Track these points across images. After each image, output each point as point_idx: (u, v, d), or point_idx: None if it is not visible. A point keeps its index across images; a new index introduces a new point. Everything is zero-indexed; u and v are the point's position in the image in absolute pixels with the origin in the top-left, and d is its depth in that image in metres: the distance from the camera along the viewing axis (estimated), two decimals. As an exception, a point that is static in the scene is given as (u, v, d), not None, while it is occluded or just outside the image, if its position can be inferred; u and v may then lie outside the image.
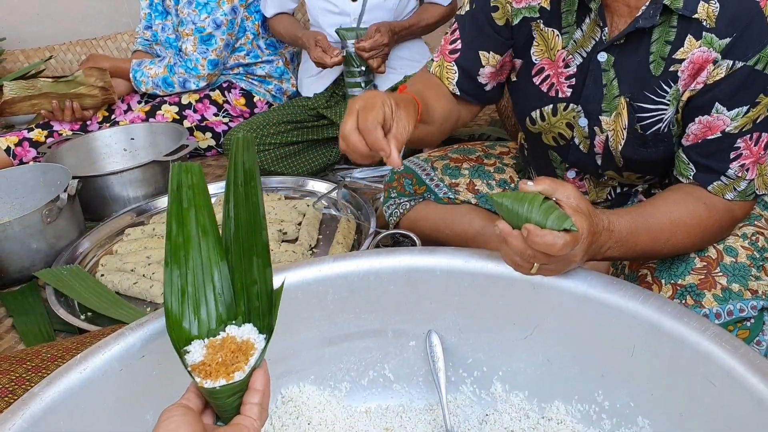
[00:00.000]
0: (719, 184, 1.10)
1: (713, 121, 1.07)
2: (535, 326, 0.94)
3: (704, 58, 1.06)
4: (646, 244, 1.03)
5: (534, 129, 1.30)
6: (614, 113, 1.17)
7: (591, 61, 1.17)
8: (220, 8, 2.40)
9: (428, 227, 1.55)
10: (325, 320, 0.98)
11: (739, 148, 1.08)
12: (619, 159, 1.21)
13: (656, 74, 1.11)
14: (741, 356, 0.72)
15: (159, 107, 2.49)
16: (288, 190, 2.05)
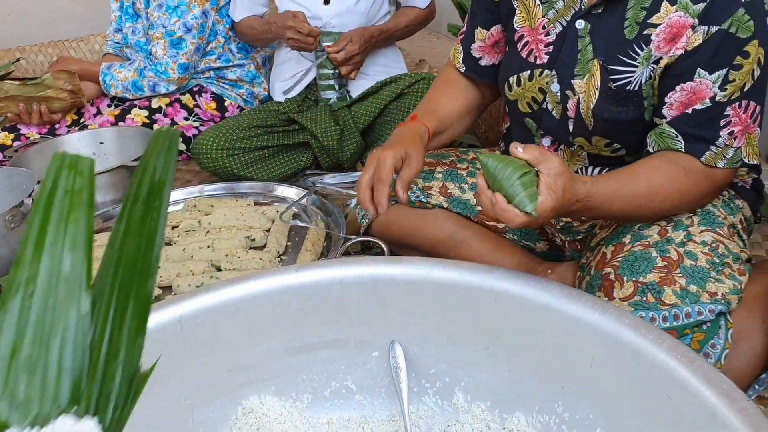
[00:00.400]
0: (711, 154, 1.15)
1: (696, 87, 1.13)
2: (497, 336, 0.94)
3: (681, 23, 1.13)
4: (621, 209, 1.13)
5: (511, 96, 1.37)
6: (587, 76, 1.23)
7: (569, 28, 1.24)
8: (191, 12, 2.38)
9: (400, 231, 1.56)
10: (287, 330, 0.97)
11: (728, 116, 1.13)
12: (589, 120, 1.25)
13: (630, 38, 1.18)
14: (696, 369, 0.72)
15: (129, 111, 2.46)
16: (257, 195, 2.04)
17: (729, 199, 1.30)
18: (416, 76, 2.23)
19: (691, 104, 1.14)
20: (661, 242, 1.17)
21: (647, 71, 1.17)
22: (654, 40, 1.16)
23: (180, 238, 1.80)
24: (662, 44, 1.15)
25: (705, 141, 1.14)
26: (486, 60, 1.47)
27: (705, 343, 1.10)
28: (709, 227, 1.20)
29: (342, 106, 2.23)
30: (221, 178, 2.17)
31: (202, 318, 0.93)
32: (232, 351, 0.96)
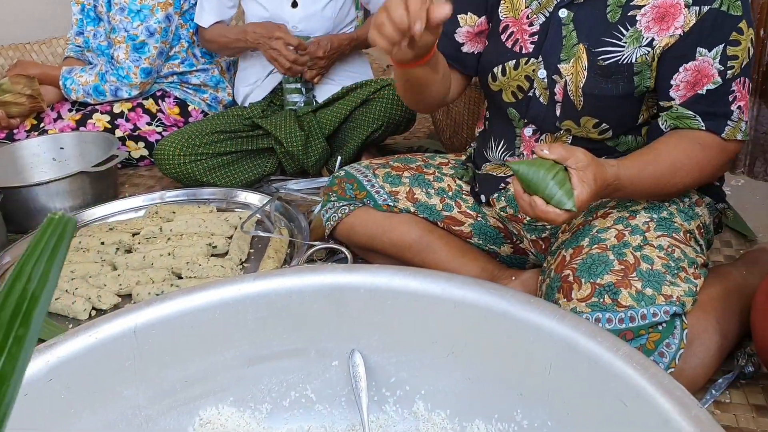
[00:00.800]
0: (729, 129, 1.23)
1: (700, 65, 1.20)
2: (457, 344, 0.93)
3: (669, 3, 1.20)
4: (648, 187, 1.20)
5: (495, 86, 1.40)
6: (573, 59, 1.27)
7: (553, 16, 1.29)
8: (154, 16, 2.35)
9: (365, 233, 1.56)
10: (245, 340, 0.96)
11: (734, 92, 1.22)
12: (578, 100, 1.29)
13: (613, 21, 1.24)
14: (650, 376, 0.73)
15: (90, 116, 2.42)
16: (220, 201, 2.02)
17: (688, 206, 1.33)
18: (382, 82, 2.23)
19: (698, 82, 1.21)
20: (618, 246, 1.19)
21: (639, 51, 1.23)
22: (640, 20, 1.22)
23: (141, 245, 1.78)
24: (651, 24, 1.22)
25: (722, 117, 1.22)
26: (468, 47, 1.46)
27: (660, 343, 1.13)
28: (666, 232, 1.23)
29: (307, 112, 2.22)
30: (184, 184, 2.14)
31: (158, 328, 0.91)
32: (189, 361, 0.94)
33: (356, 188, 1.56)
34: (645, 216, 1.26)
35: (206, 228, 1.80)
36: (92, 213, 1.99)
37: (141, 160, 2.50)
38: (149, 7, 2.34)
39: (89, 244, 1.77)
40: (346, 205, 1.57)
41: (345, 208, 1.57)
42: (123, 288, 1.61)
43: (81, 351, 0.86)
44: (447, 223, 1.54)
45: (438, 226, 1.55)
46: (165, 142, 2.12)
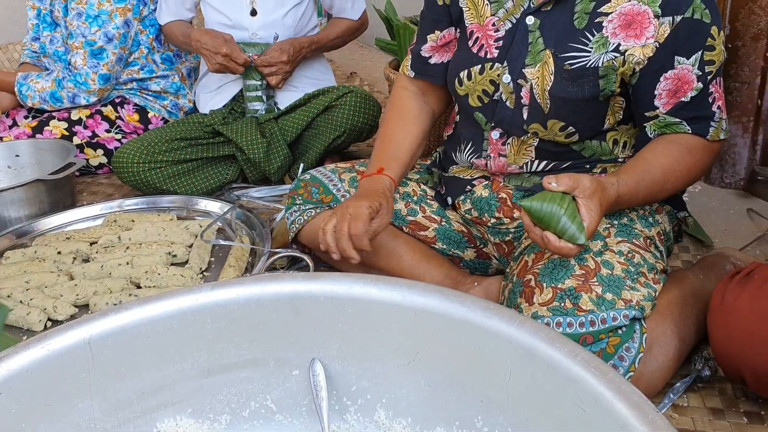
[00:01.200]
0: (713, 129, 1.28)
1: (680, 73, 1.25)
2: (418, 352, 0.93)
3: (635, 11, 1.24)
4: (644, 198, 1.26)
5: (461, 90, 1.43)
6: (539, 64, 1.30)
7: (519, 23, 1.32)
8: (112, 21, 2.32)
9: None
10: (203, 350, 0.94)
11: (712, 93, 1.27)
12: (545, 103, 1.31)
13: (580, 27, 1.27)
14: (608, 382, 0.73)
15: (47, 123, 2.37)
16: (180, 209, 1.99)
17: (649, 214, 1.35)
18: (344, 89, 2.23)
19: (680, 89, 1.25)
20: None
21: (606, 56, 1.26)
22: (607, 27, 1.25)
23: (98, 254, 1.74)
24: (618, 30, 1.25)
25: (706, 119, 1.27)
26: (435, 59, 1.51)
27: (620, 347, 1.14)
28: (626, 238, 1.25)
29: (269, 118, 2.21)
30: (143, 192, 2.11)
31: (113, 339, 0.89)
32: (146, 372, 0.92)
33: (322, 192, 1.56)
34: (605, 222, 1.28)
35: (166, 237, 1.77)
36: (49, 222, 1.95)
37: (100, 167, 2.46)
38: (107, 12, 2.31)
39: (45, 254, 1.74)
40: (312, 208, 1.56)
41: (311, 211, 1.56)
42: (80, 298, 1.58)
43: (33, 364, 0.83)
44: (412, 228, 1.54)
45: (403, 231, 1.55)
46: (124, 150, 2.09)
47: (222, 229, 1.85)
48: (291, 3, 2.21)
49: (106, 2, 2.31)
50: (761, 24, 1.90)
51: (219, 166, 2.22)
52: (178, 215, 1.95)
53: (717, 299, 1.17)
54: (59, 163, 2.07)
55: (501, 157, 1.42)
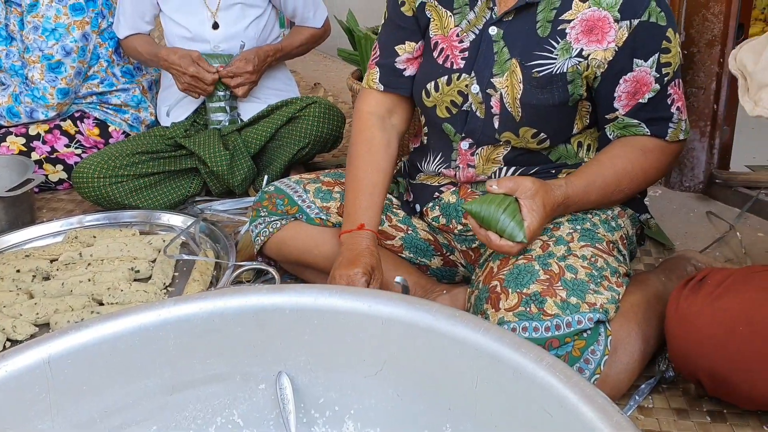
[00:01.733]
0: (672, 130, 1.31)
1: (638, 75, 1.28)
2: (385, 361, 0.93)
3: (596, 17, 1.27)
4: (597, 199, 1.29)
5: (429, 102, 1.43)
6: (507, 73, 1.32)
7: (483, 34, 1.34)
8: (70, 35, 2.29)
9: (297, 248, 1.54)
10: (167, 366, 0.93)
11: (671, 95, 1.30)
12: (516, 111, 1.33)
13: (543, 35, 1.30)
14: (573, 385, 0.74)
15: (3, 138, 2.32)
16: (142, 224, 1.97)
17: (611, 218, 1.37)
18: (308, 100, 2.22)
19: (638, 91, 1.28)
20: (543, 256, 1.21)
21: (570, 62, 1.29)
22: (570, 33, 1.28)
23: (59, 272, 1.71)
24: (580, 36, 1.28)
25: (664, 120, 1.30)
26: (410, 71, 1.50)
27: (585, 350, 1.15)
28: (589, 242, 1.26)
29: (232, 130, 2.19)
30: (105, 208, 2.08)
31: (73, 357, 0.88)
32: (108, 390, 0.90)
33: (287, 203, 1.55)
34: (568, 227, 1.29)
35: (128, 252, 1.74)
36: (7, 240, 1.91)
37: (60, 183, 2.41)
38: (65, 25, 2.27)
39: (3, 273, 1.70)
40: (277, 219, 1.55)
41: (276, 223, 1.55)
42: (40, 317, 1.54)
43: (-10, 385, 0.81)
44: (378, 237, 1.54)
45: (370, 241, 1.54)
46: (83, 165, 2.05)
47: (186, 243, 1.83)
48: (252, 15, 2.20)
49: (63, 15, 2.27)
50: (715, 30, 1.94)
51: (182, 179, 2.19)
52: (141, 230, 1.93)
53: (672, 305, 1.19)
54: (17, 179, 2.03)
55: (470, 167, 1.43)
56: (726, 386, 1.13)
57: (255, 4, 2.20)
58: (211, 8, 2.16)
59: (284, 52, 2.27)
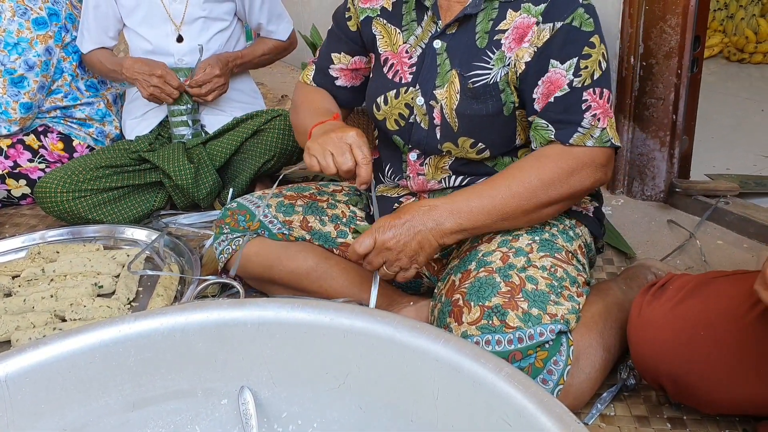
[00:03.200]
0: (578, 136, 1.28)
1: (552, 76, 1.27)
2: (348, 374, 0.93)
3: (526, 24, 1.29)
4: (493, 205, 1.25)
5: (379, 115, 1.46)
6: (447, 84, 1.34)
7: (428, 48, 1.37)
8: (33, 49, 2.26)
9: (261, 263, 1.54)
10: (128, 383, 0.92)
11: (587, 101, 1.28)
12: (454, 122, 1.35)
13: (481, 46, 1.32)
14: (531, 395, 0.74)
15: (-36, 154, 2.29)
16: (106, 239, 1.95)
17: (568, 227, 1.38)
18: (273, 113, 2.22)
19: (551, 93, 1.27)
20: (504, 268, 1.22)
21: (503, 71, 1.31)
22: (504, 43, 1.31)
23: (21, 288, 1.69)
24: (513, 45, 1.30)
25: (572, 124, 1.28)
26: (342, 81, 1.57)
27: (548, 361, 1.16)
28: (548, 252, 1.28)
29: (197, 143, 2.18)
30: (68, 223, 2.05)
31: (32, 376, 0.87)
32: (67, 409, 0.89)
33: (249, 219, 1.55)
34: (527, 238, 1.31)
35: (92, 267, 1.73)
36: (-35, 259, 1.88)
37: (23, 198, 2.38)
38: (27, 40, 2.25)
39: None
40: (239, 236, 1.55)
41: (239, 240, 1.55)
42: (1, 334, 1.52)
43: (-56, 406, 0.80)
44: (342, 250, 1.54)
45: (333, 253, 1.55)
46: (46, 180, 2.03)
47: (150, 257, 1.81)
48: (216, 28, 2.20)
49: (26, 30, 2.25)
50: (672, 42, 1.98)
51: (146, 193, 2.18)
52: (105, 245, 1.91)
53: (635, 311, 1.20)
54: (-21, 194, 2.01)
55: (420, 176, 1.46)
56: (687, 391, 1.15)
57: (220, 17, 2.21)
58: (175, 22, 2.16)
59: (245, 60, 2.27)
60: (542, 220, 1.32)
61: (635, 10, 2.02)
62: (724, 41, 4.16)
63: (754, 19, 4.09)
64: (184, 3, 2.14)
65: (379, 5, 1.46)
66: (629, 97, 2.11)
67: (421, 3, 1.39)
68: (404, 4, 1.43)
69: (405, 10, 1.43)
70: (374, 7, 1.47)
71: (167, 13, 2.15)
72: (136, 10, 2.17)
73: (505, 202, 1.25)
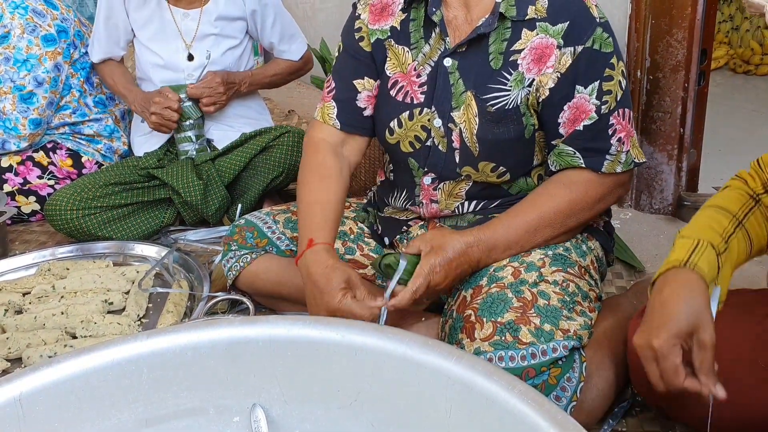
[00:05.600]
0: (608, 163, 1.27)
1: (578, 102, 1.25)
2: (360, 392, 0.93)
3: (544, 44, 1.26)
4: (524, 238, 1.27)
5: (392, 139, 1.40)
6: (463, 107, 1.31)
7: (438, 66, 1.33)
8: (42, 65, 2.28)
9: (270, 280, 1.54)
10: (140, 401, 0.92)
11: (613, 125, 1.27)
12: (474, 147, 1.32)
13: (496, 67, 1.29)
14: (545, 413, 0.74)
15: (-26, 171, 2.31)
16: (115, 255, 1.95)
17: (581, 241, 1.38)
18: (281, 129, 2.23)
19: (578, 119, 1.26)
20: (515, 283, 1.22)
21: (523, 93, 1.28)
22: (521, 64, 1.28)
23: (32, 305, 1.69)
24: (531, 65, 1.27)
25: (601, 152, 1.27)
26: (369, 111, 1.45)
27: (561, 378, 1.15)
28: (560, 267, 1.27)
29: (205, 160, 2.19)
30: (78, 240, 2.06)
31: (45, 394, 0.87)
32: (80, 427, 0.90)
33: (257, 236, 1.55)
34: (540, 253, 1.30)
35: (102, 284, 1.73)
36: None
37: (33, 215, 2.39)
38: (37, 56, 2.27)
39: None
40: (247, 253, 1.55)
41: (247, 257, 1.55)
42: (12, 352, 1.52)
43: (-42, 425, 0.81)
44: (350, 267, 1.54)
45: (342, 270, 1.54)
46: (56, 197, 2.04)
47: (160, 273, 1.82)
48: (227, 45, 2.21)
49: (35, 46, 2.27)
50: (679, 56, 1.99)
51: (155, 209, 2.18)
52: (114, 261, 1.92)
53: (633, 329, 1.20)
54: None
55: (433, 203, 1.43)
56: (684, 410, 1.15)
57: (231, 35, 2.22)
58: (186, 39, 2.17)
59: (254, 80, 2.28)
60: (562, 241, 1.34)
61: (641, 24, 2.03)
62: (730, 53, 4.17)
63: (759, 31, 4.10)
64: (197, 20, 2.16)
65: (389, 25, 1.40)
66: (636, 110, 2.11)
67: (429, 19, 1.35)
68: (412, 21, 1.38)
69: (413, 27, 1.38)
70: (383, 29, 1.41)
71: (178, 30, 2.17)
72: (148, 25, 2.19)
73: (537, 231, 1.28)
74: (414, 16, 1.38)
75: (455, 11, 1.33)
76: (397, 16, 1.40)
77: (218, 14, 2.17)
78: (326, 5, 3.97)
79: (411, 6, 1.39)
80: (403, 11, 1.40)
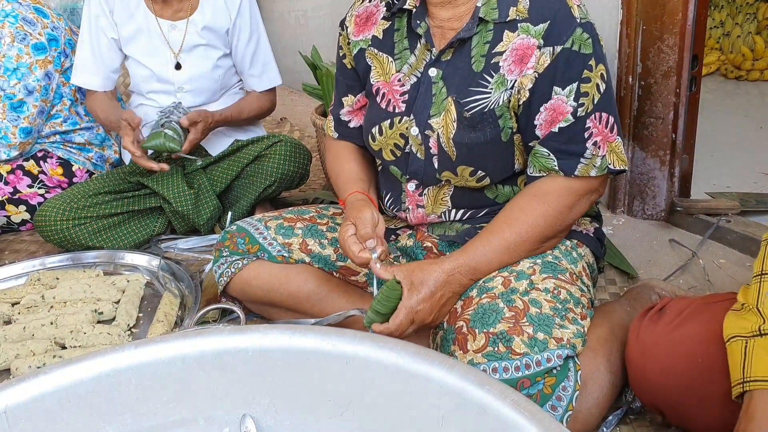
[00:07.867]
0: (582, 167, 1.26)
1: (555, 103, 1.24)
2: (351, 401, 0.92)
3: (525, 45, 1.25)
4: (505, 256, 1.27)
5: (375, 146, 1.45)
6: (443, 113, 1.31)
7: (423, 76, 1.33)
8: (33, 74, 2.27)
9: (261, 287, 1.53)
10: (128, 412, 0.91)
11: (589, 128, 1.26)
12: (452, 151, 1.32)
13: (478, 70, 1.28)
14: (537, 422, 0.74)
15: (-36, 180, 2.29)
16: (106, 264, 1.94)
17: (571, 248, 1.37)
18: (274, 138, 2.22)
19: (555, 121, 1.25)
20: (506, 293, 1.21)
21: (505, 95, 1.28)
22: (502, 66, 1.27)
23: (21, 315, 1.68)
24: (513, 67, 1.27)
25: (575, 155, 1.26)
26: (354, 122, 1.55)
27: (557, 387, 1.14)
28: (551, 274, 1.27)
29: (196, 168, 2.18)
30: (68, 249, 2.04)
31: (32, 406, 0.86)
32: (66, 440, 0.88)
33: (248, 242, 1.54)
34: (529, 261, 1.29)
35: (92, 293, 1.72)
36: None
37: (23, 224, 2.37)
38: (27, 65, 2.26)
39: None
40: (239, 259, 1.54)
41: (238, 263, 1.54)
42: (0, 363, 1.51)
43: (-58, 439, 0.79)
44: (342, 273, 1.53)
45: (334, 276, 1.54)
46: (46, 207, 2.02)
47: (150, 283, 1.81)
48: (216, 55, 2.20)
49: (25, 55, 2.26)
50: (670, 62, 1.99)
51: (146, 218, 2.17)
52: (105, 270, 1.90)
53: (633, 335, 1.20)
54: (-22, 221, 2.00)
55: (419, 208, 1.43)
56: (685, 416, 1.14)
57: (219, 46, 2.20)
58: (174, 49, 2.16)
59: (229, 121, 2.19)
60: (544, 251, 1.33)
61: (632, 30, 2.03)
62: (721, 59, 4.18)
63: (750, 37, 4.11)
64: (183, 31, 2.15)
65: (371, 34, 1.43)
66: (628, 116, 2.11)
67: (413, 31, 1.35)
68: (395, 32, 1.39)
69: (397, 38, 1.39)
70: (366, 38, 1.43)
71: (166, 40, 2.15)
72: (136, 38, 2.17)
73: (516, 248, 1.28)
74: (398, 26, 1.39)
75: (440, 22, 1.33)
76: (379, 24, 1.41)
77: (204, 24, 2.15)
78: (318, 13, 3.97)
79: (395, 15, 1.39)
80: (386, 20, 1.40)
